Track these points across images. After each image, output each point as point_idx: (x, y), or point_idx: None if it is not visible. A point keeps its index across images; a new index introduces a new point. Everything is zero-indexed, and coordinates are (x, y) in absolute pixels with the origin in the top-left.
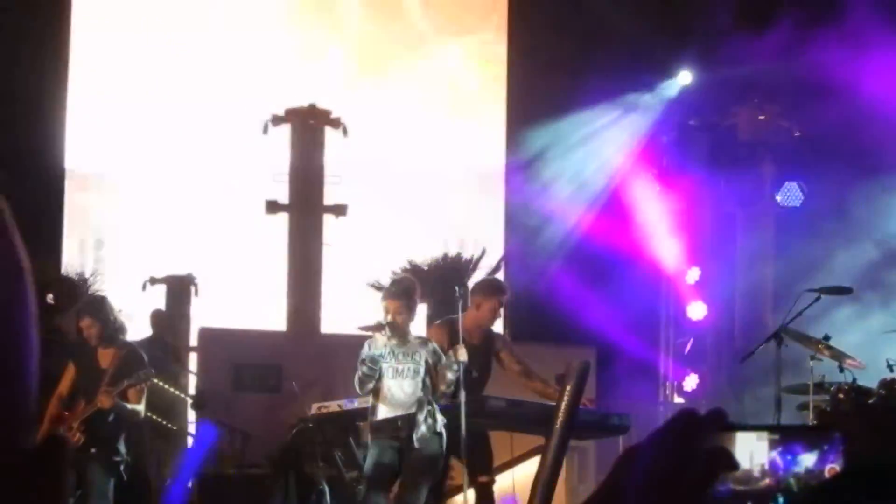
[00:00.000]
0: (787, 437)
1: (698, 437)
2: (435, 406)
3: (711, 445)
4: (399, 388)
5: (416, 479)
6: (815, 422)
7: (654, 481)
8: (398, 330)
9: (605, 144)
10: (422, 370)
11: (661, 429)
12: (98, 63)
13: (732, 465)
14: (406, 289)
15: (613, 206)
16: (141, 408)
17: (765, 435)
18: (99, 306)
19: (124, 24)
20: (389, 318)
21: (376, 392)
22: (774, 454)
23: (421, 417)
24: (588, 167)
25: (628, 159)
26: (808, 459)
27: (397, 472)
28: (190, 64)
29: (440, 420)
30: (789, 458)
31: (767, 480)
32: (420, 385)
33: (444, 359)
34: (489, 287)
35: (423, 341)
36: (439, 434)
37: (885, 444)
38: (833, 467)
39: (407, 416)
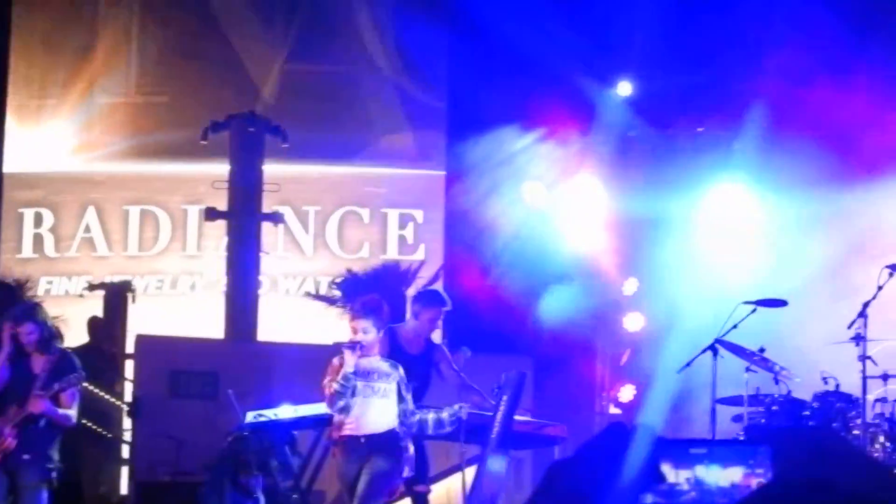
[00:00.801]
0: (714, 450)
1: (627, 451)
2: (405, 431)
3: (640, 458)
4: (369, 408)
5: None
6: (742, 436)
7: (583, 493)
8: (367, 349)
9: (543, 155)
10: (392, 394)
11: (591, 442)
12: (35, 64)
13: (659, 477)
14: (373, 307)
15: (550, 217)
16: (73, 413)
17: (693, 448)
18: (36, 313)
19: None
20: (358, 336)
21: (345, 409)
22: (702, 468)
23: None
24: (526, 178)
25: (565, 169)
26: (735, 473)
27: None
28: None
29: (410, 448)
30: (717, 471)
31: (693, 494)
32: (389, 407)
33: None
34: (428, 298)
35: (395, 364)
36: (405, 458)
37: (811, 460)
38: (760, 481)
39: (372, 437)
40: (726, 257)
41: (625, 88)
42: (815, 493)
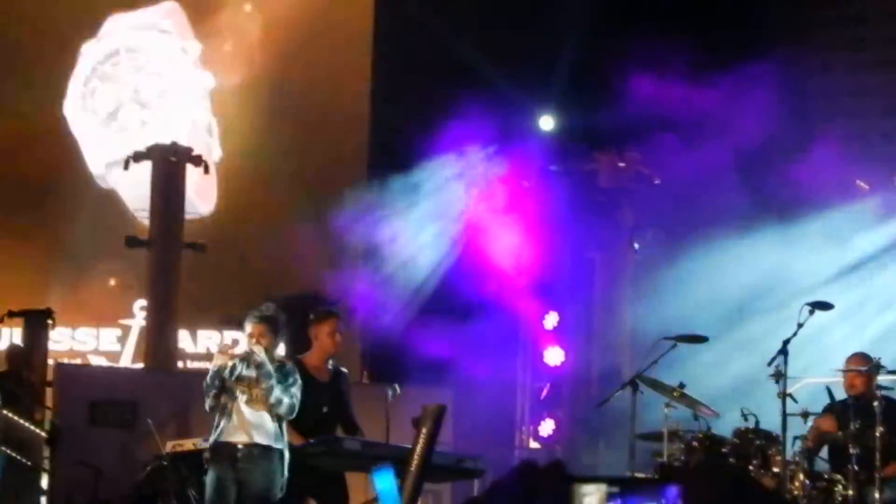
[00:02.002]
0: (626, 489)
1: (538, 488)
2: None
3: (550, 496)
4: (250, 414)
5: None
6: (656, 475)
7: None
8: (261, 354)
9: (462, 190)
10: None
11: (503, 479)
12: None
13: None
14: (270, 315)
15: (471, 251)
16: None
17: (604, 487)
18: None
19: None
20: (253, 341)
21: (224, 411)
22: None
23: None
24: (446, 212)
25: (487, 203)
26: None
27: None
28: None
29: (285, 457)
30: None
31: None
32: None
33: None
34: (319, 313)
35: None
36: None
37: (723, 500)
38: None
39: (253, 445)
40: (648, 292)
41: (547, 123)
42: None
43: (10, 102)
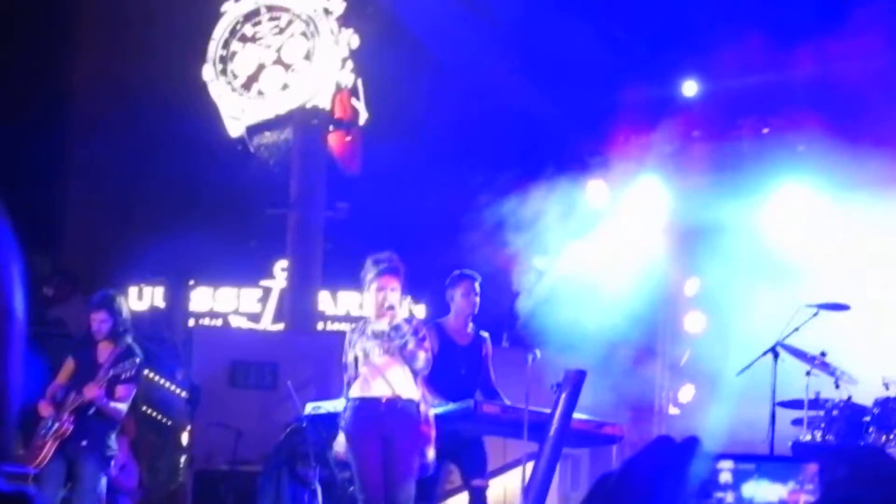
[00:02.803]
0: (762, 466)
1: (673, 465)
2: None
3: (686, 472)
4: (388, 368)
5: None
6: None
7: None
8: (395, 310)
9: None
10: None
11: (638, 455)
12: None
13: (705, 492)
14: (397, 265)
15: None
16: (124, 407)
17: (740, 464)
18: (112, 302)
19: None
20: (383, 295)
21: (360, 367)
22: (749, 484)
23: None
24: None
25: (629, 170)
26: (782, 490)
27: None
28: None
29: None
30: (765, 487)
31: None
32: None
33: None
34: (453, 276)
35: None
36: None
37: (861, 480)
38: (808, 499)
39: (395, 398)
40: (790, 259)
41: (690, 89)
42: None
43: (154, 69)
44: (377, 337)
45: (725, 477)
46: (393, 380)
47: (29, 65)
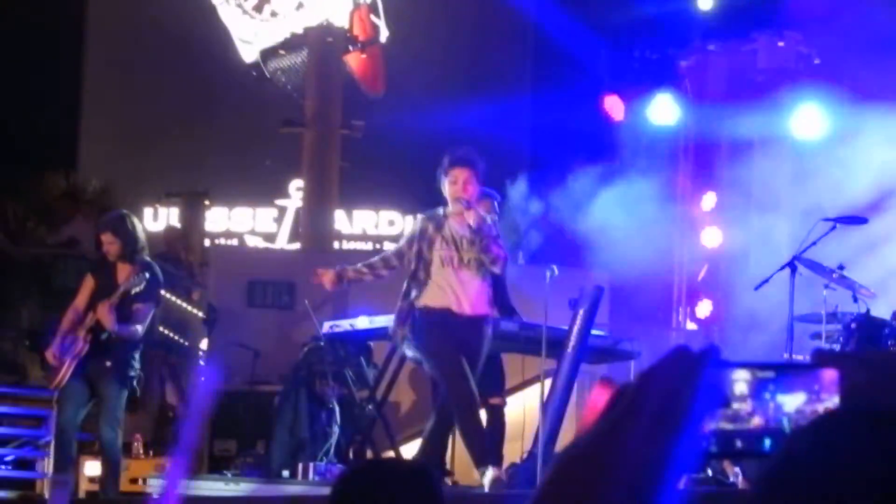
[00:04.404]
0: (781, 374)
1: (691, 374)
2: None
3: (703, 382)
4: (461, 275)
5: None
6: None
7: (645, 418)
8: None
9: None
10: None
11: (654, 366)
12: None
13: (723, 402)
14: (474, 156)
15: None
16: (140, 328)
17: (758, 372)
18: (119, 223)
19: None
20: (459, 188)
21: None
22: (767, 392)
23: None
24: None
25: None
26: (801, 398)
27: None
28: None
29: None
30: (782, 396)
31: (757, 420)
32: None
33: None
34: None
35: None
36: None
37: (881, 388)
38: (827, 407)
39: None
40: (807, 174)
41: (705, 3)
42: (884, 425)
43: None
44: (456, 241)
45: (742, 387)
46: (475, 296)
47: None
